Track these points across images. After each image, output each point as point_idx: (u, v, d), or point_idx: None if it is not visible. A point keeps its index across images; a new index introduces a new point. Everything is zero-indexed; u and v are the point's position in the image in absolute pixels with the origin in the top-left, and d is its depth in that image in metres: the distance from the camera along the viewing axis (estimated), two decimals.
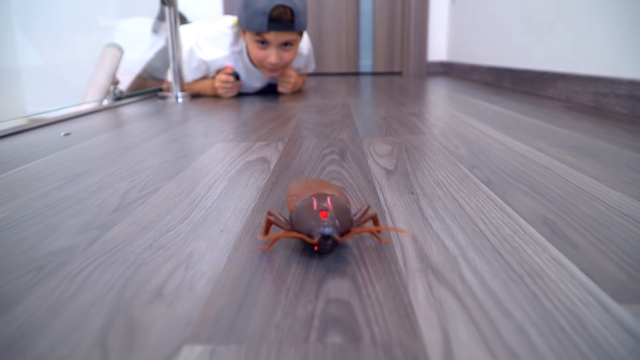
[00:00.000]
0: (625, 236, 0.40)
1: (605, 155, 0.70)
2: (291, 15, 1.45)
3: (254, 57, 1.54)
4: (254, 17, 1.44)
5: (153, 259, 0.38)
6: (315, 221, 0.36)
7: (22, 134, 1.00)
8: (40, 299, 0.32)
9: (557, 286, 0.32)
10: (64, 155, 0.78)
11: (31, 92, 1.61)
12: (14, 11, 1.17)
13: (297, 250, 0.39)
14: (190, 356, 0.26)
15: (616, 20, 1.12)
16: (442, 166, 0.66)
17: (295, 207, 0.39)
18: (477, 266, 0.35)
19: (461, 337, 0.27)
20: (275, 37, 1.48)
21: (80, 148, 0.84)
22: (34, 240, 0.43)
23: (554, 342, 0.26)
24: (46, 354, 0.26)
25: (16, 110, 1.29)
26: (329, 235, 0.35)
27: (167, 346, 0.27)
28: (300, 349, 0.26)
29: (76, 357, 0.26)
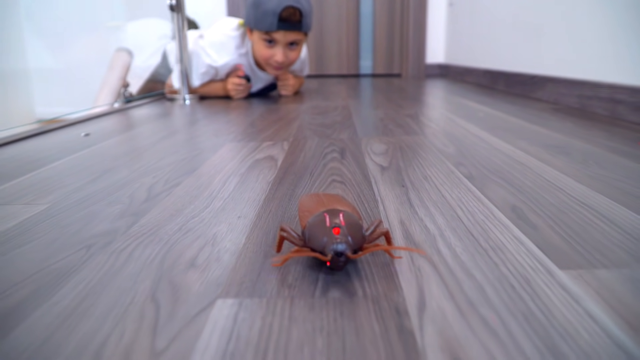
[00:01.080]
0: (579, 220, 0.48)
1: (579, 153, 0.78)
2: (300, 16, 1.54)
3: (261, 55, 1.62)
4: (264, 17, 1.53)
5: (184, 239, 0.46)
6: (328, 238, 0.36)
7: (45, 134, 1.08)
8: (95, 269, 0.40)
9: (513, 257, 0.40)
10: (88, 154, 0.86)
11: (40, 94, 1.68)
12: (22, 16, 1.24)
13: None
14: (224, 306, 0.33)
15: (599, 29, 1.20)
16: (431, 163, 0.73)
17: (307, 223, 0.39)
18: (451, 243, 0.43)
19: (433, 293, 0.34)
20: (283, 37, 1.56)
21: (101, 147, 0.92)
22: (79, 225, 0.50)
23: (504, 296, 0.34)
24: (110, 308, 0.34)
25: (25, 112, 1.36)
26: (342, 252, 0.35)
27: (205, 300, 0.34)
28: (307, 302, 0.34)
29: (134, 308, 0.34)
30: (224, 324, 0.31)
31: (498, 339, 0.29)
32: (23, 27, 1.26)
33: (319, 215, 0.39)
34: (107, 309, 0.34)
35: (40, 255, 0.43)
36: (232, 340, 0.30)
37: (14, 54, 1.21)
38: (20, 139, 1.02)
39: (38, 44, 1.37)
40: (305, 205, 0.45)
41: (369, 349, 0.28)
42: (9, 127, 1.07)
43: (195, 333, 0.30)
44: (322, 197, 0.46)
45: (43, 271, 0.40)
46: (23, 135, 1.04)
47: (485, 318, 0.31)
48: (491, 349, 0.28)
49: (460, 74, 2.48)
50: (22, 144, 0.97)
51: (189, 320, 0.32)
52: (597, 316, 0.31)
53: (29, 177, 0.71)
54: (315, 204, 0.44)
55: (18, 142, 0.99)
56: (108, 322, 0.32)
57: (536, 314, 0.32)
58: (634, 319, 0.31)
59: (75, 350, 0.29)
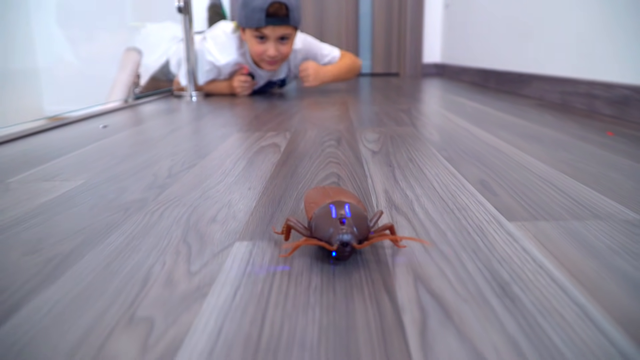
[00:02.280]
0: (534, 189, 0.57)
1: (550, 140, 0.87)
2: (286, 11, 1.63)
3: (254, 52, 1.71)
4: (252, 14, 1.62)
5: (204, 204, 0.55)
6: (334, 228, 0.37)
7: (67, 126, 1.18)
8: (134, 224, 0.49)
9: (473, 214, 0.49)
10: (109, 142, 0.95)
11: (48, 92, 1.77)
12: (32, 15, 1.32)
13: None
14: (241, 246, 0.43)
15: (579, 30, 1.29)
16: (417, 149, 0.82)
17: (314, 214, 0.40)
18: (425, 205, 0.52)
19: (406, 234, 0.44)
20: (272, 31, 1.65)
21: (120, 137, 1.01)
22: (114, 195, 0.60)
23: (460, 238, 0.43)
24: (151, 247, 0.43)
25: (35, 109, 1.44)
26: (348, 243, 0.37)
27: (226, 242, 0.44)
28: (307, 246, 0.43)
29: (171, 248, 0.43)
30: (242, 256, 0.41)
31: (450, 263, 0.38)
32: (33, 27, 1.34)
33: (325, 207, 0.40)
34: (149, 247, 0.43)
35: (86, 215, 0.52)
36: (249, 265, 0.39)
37: (23, 54, 1.30)
38: (45, 130, 1.12)
39: (48, 43, 1.45)
40: (311, 198, 0.46)
41: (352, 271, 0.38)
42: (37, 118, 1.16)
43: (220, 261, 0.40)
44: (328, 190, 0.47)
45: (92, 226, 0.49)
46: (47, 126, 1.14)
47: (443, 251, 0.41)
48: (444, 269, 0.37)
49: (456, 73, 2.57)
50: (47, 134, 1.07)
51: (215, 254, 0.41)
52: (530, 251, 0.40)
53: (61, 160, 0.80)
54: (321, 196, 0.45)
55: (44, 132, 1.09)
56: (152, 256, 0.41)
57: (482, 249, 0.41)
58: (560, 254, 0.40)
59: (129, 274, 0.38)
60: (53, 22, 1.45)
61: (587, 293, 0.33)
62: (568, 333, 0.29)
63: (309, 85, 1.81)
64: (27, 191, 0.62)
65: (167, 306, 0.33)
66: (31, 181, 0.67)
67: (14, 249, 0.44)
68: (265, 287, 0.35)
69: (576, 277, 0.36)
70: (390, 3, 3.02)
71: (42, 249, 0.43)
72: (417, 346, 0.28)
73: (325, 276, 0.37)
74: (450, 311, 0.31)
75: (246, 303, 0.33)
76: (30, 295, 0.35)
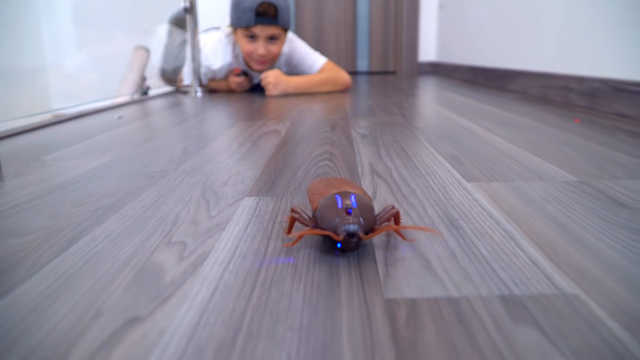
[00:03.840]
0: (495, 161, 0.68)
1: (522, 126, 0.97)
2: (275, 11, 1.72)
3: (244, 51, 1.80)
4: (242, 14, 1.72)
5: (216, 173, 0.65)
6: (340, 218, 0.36)
7: (86, 117, 1.28)
8: (159, 187, 0.60)
9: (440, 177, 0.59)
10: (126, 130, 1.06)
11: (55, 89, 1.87)
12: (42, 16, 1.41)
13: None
14: (249, 200, 0.53)
15: (556, 29, 1.39)
16: (402, 133, 0.93)
17: (319, 204, 0.40)
18: (402, 172, 0.63)
19: (383, 193, 0.54)
20: (262, 31, 1.75)
21: (135, 126, 1.11)
22: (139, 168, 0.70)
23: (426, 193, 0.53)
24: (177, 201, 0.53)
25: (41, 105, 1.52)
26: (354, 233, 0.36)
27: (237, 197, 0.54)
28: (303, 199, 0.53)
29: (193, 201, 0.53)
30: (250, 206, 0.51)
31: (415, 208, 0.49)
32: (42, 27, 1.44)
33: (330, 197, 0.39)
34: (175, 201, 0.53)
35: (118, 182, 0.63)
36: (256, 212, 0.49)
37: (32, 53, 1.39)
38: (66, 120, 1.22)
39: (54, 45, 1.55)
40: (316, 188, 0.45)
41: None
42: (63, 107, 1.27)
43: (233, 209, 0.50)
44: (333, 181, 0.46)
45: (124, 188, 0.59)
46: (67, 117, 1.24)
47: (411, 202, 0.51)
48: (409, 212, 0.48)
49: (450, 70, 2.68)
50: (68, 124, 1.17)
51: (229, 205, 0.52)
52: (479, 200, 0.51)
53: (86, 143, 0.91)
54: (326, 186, 0.45)
55: (64, 122, 1.19)
56: (178, 207, 0.51)
57: (442, 199, 0.51)
58: (502, 202, 0.50)
59: (162, 217, 0.48)
60: (68, 24, 1.55)
61: (515, 225, 0.44)
62: (493, 247, 0.39)
63: (269, 94, 1.76)
64: (62, 166, 0.72)
65: (194, 235, 0.43)
66: (64, 159, 0.77)
67: (65, 203, 0.54)
68: (270, 224, 0.45)
69: (510, 215, 0.46)
70: (387, 4, 3.13)
71: (88, 202, 0.54)
72: (381, 258, 0.38)
73: None
74: (409, 235, 0.42)
75: (255, 232, 0.43)
76: (86, 231, 0.45)
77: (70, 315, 0.30)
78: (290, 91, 1.79)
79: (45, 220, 0.48)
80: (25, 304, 0.32)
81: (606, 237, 0.41)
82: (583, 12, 1.26)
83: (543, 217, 0.46)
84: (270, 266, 0.37)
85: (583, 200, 0.50)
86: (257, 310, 0.30)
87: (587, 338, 0.27)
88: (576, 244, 0.39)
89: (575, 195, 0.52)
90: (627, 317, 0.29)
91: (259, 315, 0.30)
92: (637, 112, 1.03)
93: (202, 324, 0.29)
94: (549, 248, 0.39)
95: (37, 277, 0.36)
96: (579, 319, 0.29)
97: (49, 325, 0.29)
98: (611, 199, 0.51)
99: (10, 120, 1.12)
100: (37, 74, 1.35)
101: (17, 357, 0.26)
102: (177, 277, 0.35)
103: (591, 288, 0.32)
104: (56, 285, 0.34)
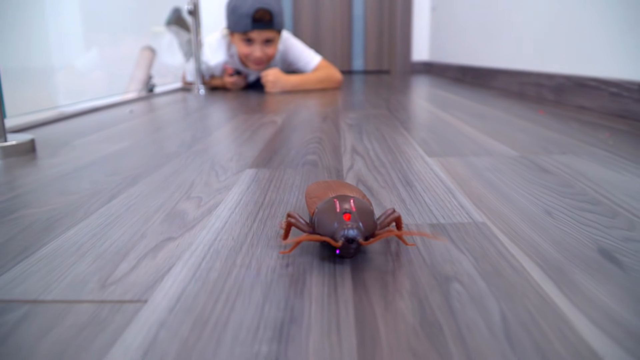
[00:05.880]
0: (457, 143, 0.80)
1: (491, 117, 1.09)
2: (270, 16, 1.85)
3: (242, 53, 1.93)
4: (239, 20, 1.84)
5: (222, 153, 0.78)
6: (338, 223, 0.35)
7: (100, 111, 1.40)
8: (175, 164, 0.72)
9: (407, 154, 0.72)
10: (138, 122, 1.18)
11: (62, 86, 1.99)
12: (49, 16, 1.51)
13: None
14: (250, 170, 0.65)
15: (531, 29, 1.52)
16: (385, 123, 1.05)
17: (316, 209, 0.38)
18: (377, 151, 0.75)
19: (359, 164, 0.66)
20: (258, 35, 1.87)
21: (146, 119, 1.24)
22: (155, 149, 0.82)
23: (395, 166, 0.66)
24: (191, 172, 0.66)
25: (48, 101, 1.61)
26: (354, 239, 0.34)
27: (240, 169, 0.66)
28: (293, 170, 0.66)
29: (204, 171, 0.65)
30: (251, 174, 0.63)
31: (381, 174, 0.61)
32: (49, 28, 1.55)
33: (328, 201, 0.38)
34: (190, 173, 0.66)
35: (139, 160, 0.75)
36: (256, 178, 0.62)
37: (40, 53, 1.50)
38: (82, 113, 1.34)
39: (60, 44, 1.67)
40: (314, 192, 0.44)
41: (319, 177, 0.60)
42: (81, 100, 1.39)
43: (237, 177, 0.62)
44: (331, 184, 0.45)
45: (145, 165, 0.72)
46: (83, 111, 1.36)
47: (379, 170, 0.63)
48: (376, 177, 0.60)
49: (441, 69, 2.80)
50: (84, 117, 1.29)
51: (234, 173, 0.64)
52: (434, 169, 0.63)
53: (106, 132, 1.03)
54: (324, 190, 0.43)
55: (81, 116, 1.31)
56: (193, 176, 0.64)
57: (405, 169, 0.64)
58: (452, 170, 0.62)
59: (180, 183, 0.61)
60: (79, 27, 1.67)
61: (456, 184, 0.56)
62: (435, 197, 0.51)
63: (269, 91, 1.90)
64: (88, 149, 0.85)
65: (208, 193, 0.56)
66: (89, 144, 0.90)
67: (99, 174, 0.66)
68: (266, 184, 0.58)
69: (454, 178, 0.59)
70: (381, 6, 3.25)
71: (119, 174, 0.66)
72: None
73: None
74: (374, 192, 0.54)
75: (255, 190, 0.56)
76: (123, 191, 0.57)
77: (123, 236, 0.43)
78: (288, 88, 1.92)
79: (87, 185, 0.60)
80: (88, 231, 0.44)
81: (522, 191, 0.53)
82: (554, 16, 1.38)
83: (480, 179, 0.58)
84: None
85: (517, 169, 0.63)
86: (256, 233, 0.43)
87: (481, 244, 0.39)
88: (497, 194, 0.52)
89: (513, 166, 0.65)
90: (517, 236, 0.41)
91: (257, 236, 0.42)
92: (594, 104, 1.15)
93: (218, 240, 0.41)
94: (476, 197, 0.51)
95: (92, 218, 0.48)
96: (480, 235, 0.41)
97: (109, 241, 0.42)
98: (539, 167, 0.63)
99: (38, 111, 1.24)
100: (53, 73, 1.47)
101: (92, 257, 0.39)
102: (197, 216, 0.48)
103: (497, 219, 0.45)
104: (108, 221, 0.47)
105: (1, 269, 0.37)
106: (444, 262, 0.36)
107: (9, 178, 0.65)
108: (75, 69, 1.61)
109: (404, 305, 0.30)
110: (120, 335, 0.28)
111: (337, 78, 2.01)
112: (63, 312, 0.30)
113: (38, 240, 0.42)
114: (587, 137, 0.83)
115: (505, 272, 0.34)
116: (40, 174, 0.67)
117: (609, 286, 0.32)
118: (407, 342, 0.26)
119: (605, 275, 0.34)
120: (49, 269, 0.36)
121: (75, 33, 1.59)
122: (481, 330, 0.27)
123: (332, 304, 0.30)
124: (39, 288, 0.34)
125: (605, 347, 0.26)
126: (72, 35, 1.57)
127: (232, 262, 0.37)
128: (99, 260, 0.38)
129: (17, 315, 0.30)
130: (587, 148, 0.75)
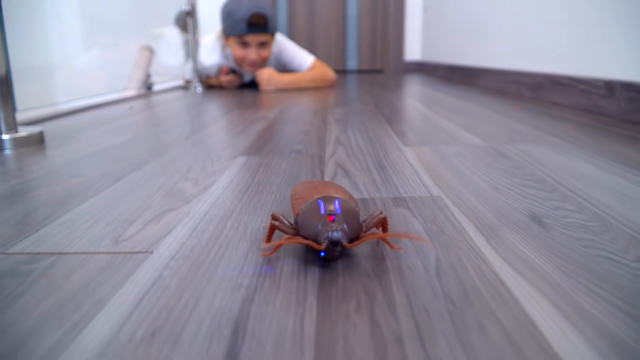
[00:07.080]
0: (432, 134, 0.87)
1: (469, 112, 1.17)
2: (265, 20, 1.92)
3: (237, 56, 2.00)
4: (235, 24, 1.92)
5: (218, 143, 0.85)
6: (322, 225, 0.35)
7: (101, 108, 1.47)
8: (175, 151, 0.79)
9: (385, 143, 0.79)
10: (139, 117, 1.25)
11: (61, 84, 2.06)
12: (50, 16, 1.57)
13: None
14: (242, 157, 0.73)
15: (511, 30, 1.59)
16: (369, 118, 1.12)
17: (301, 210, 0.37)
18: (358, 141, 0.82)
19: (340, 153, 0.74)
20: (253, 38, 1.94)
21: (146, 114, 1.31)
22: (156, 140, 0.89)
23: (372, 153, 0.73)
24: (190, 159, 0.73)
25: (47, 98, 1.66)
26: (338, 241, 0.34)
27: (234, 155, 0.74)
28: (281, 157, 0.73)
29: (201, 158, 0.73)
30: (243, 161, 0.70)
31: (358, 160, 0.68)
32: (50, 27, 1.61)
33: (312, 203, 0.37)
34: (187, 159, 0.73)
35: (141, 150, 0.82)
36: (247, 163, 0.69)
37: (40, 53, 1.56)
38: (83, 110, 1.41)
39: (60, 44, 1.73)
40: (298, 193, 0.43)
41: (302, 172, 0.67)
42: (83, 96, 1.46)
43: (232, 163, 0.69)
44: (317, 184, 0.44)
45: (146, 153, 0.79)
46: (84, 107, 1.43)
47: (357, 157, 0.70)
48: (354, 162, 0.67)
49: (432, 69, 2.88)
50: (86, 113, 1.36)
51: (227, 160, 0.71)
52: (406, 156, 0.70)
53: (108, 126, 1.10)
54: (309, 190, 0.43)
55: (82, 112, 1.38)
56: (190, 162, 0.71)
57: (380, 155, 0.71)
58: (423, 156, 0.70)
59: (179, 167, 0.68)
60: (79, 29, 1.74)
61: (423, 167, 0.63)
62: (401, 177, 0.59)
63: (263, 89, 1.96)
64: (93, 141, 0.92)
65: (204, 175, 0.63)
66: (93, 137, 0.97)
67: (105, 161, 0.73)
68: (256, 168, 0.65)
69: (423, 163, 0.66)
70: (374, 7, 3.33)
71: (123, 160, 0.73)
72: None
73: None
74: (350, 175, 0.61)
75: (245, 173, 0.63)
76: (128, 174, 0.65)
77: (130, 207, 0.50)
78: (282, 86, 1.99)
79: (95, 169, 0.68)
80: (100, 204, 0.51)
81: (480, 173, 0.60)
82: (532, 17, 1.46)
83: (446, 164, 0.65)
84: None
85: (481, 156, 0.70)
86: (245, 205, 0.50)
87: (433, 212, 0.46)
88: (457, 175, 0.59)
89: (478, 153, 0.72)
90: (464, 205, 0.48)
91: (246, 206, 0.49)
92: (567, 101, 1.23)
93: (211, 210, 0.49)
94: (437, 177, 0.58)
95: (101, 195, 0.55)
96: (434, 205, 0.48)
97: (119, 211, 0.49)
98: (501, 154, 0.71)
99: (48, 106, 1.31)
100: (56, 70, 1.54)
101: (105, 222, 0.46)
102: (194, 193, 0.55)
103: (451, 193, 0.52)
104: (116, 197, 0.54)
105: (29, 230, 0.44)
106: (399, 224, 0.44)
107: (21, 164, 0.72)
108: (76, 68, 1.68)
109: (360, 250, 0.37)
110: (132, 274, 0.35)
111: (330, 77, 2.09)
112: (85, 260, 0.38)
113: (57, 210, 0.49)
114: (553, 130, 0.91)
115: (447, 231, 0.42)
116: (51, 161, 0.74)
117: (530, 240, 0.39)
118: (360, 281, 0.34)
119: (530, 233, 0.41)
120: (70, 231, 0.44)
121: (78, 34, 1.66)
122: (419, 269, 0.35)
123: (302, 247, 0.38)
124: (63, 244, 0.41)
125: (515, 284, 0.33)
126: (73, 36, 1.64)
127: (223, 226, 0.44)
128: (111, 225, 0.45)
129: (47, 262, 0.37)
130: (550, 139, 0.82)
